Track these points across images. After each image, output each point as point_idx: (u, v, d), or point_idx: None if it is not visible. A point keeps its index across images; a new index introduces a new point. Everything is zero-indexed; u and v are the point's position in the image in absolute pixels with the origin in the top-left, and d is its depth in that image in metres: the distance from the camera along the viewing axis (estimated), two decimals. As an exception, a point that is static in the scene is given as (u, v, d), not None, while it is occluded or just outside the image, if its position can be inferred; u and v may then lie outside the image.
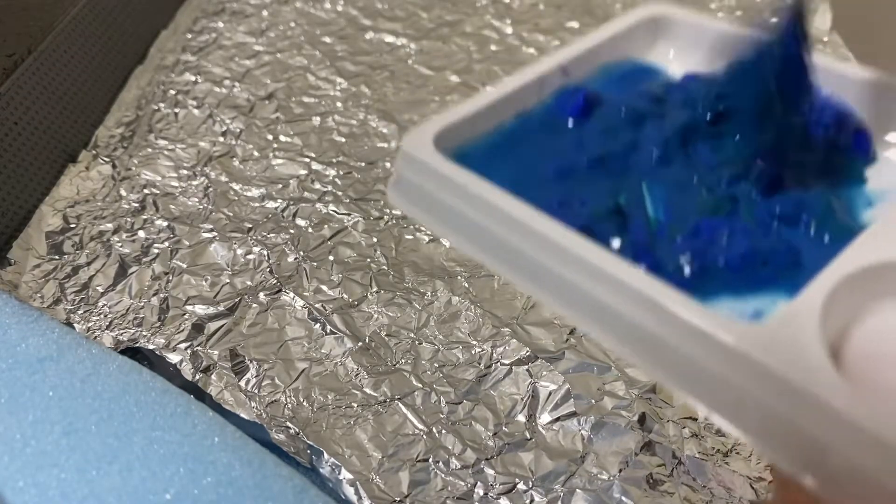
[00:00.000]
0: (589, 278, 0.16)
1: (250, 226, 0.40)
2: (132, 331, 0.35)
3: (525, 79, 0.21)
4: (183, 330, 0.34)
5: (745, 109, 0.19)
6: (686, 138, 0.19)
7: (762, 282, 0.16)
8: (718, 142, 0.19)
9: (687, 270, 0.16)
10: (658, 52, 0.23)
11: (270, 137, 0.46)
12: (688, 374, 0.15)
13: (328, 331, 0.34)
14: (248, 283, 0.37)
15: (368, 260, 0.38)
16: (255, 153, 0.45)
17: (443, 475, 0.29)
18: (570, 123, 0.21)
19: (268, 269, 0.37)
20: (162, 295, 0.36)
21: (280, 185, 0.43)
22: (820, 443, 0.13)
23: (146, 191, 0.42)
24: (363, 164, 0.44)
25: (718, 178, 0.18)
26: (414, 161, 0.19)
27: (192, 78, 0.51)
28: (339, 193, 0.42)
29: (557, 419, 0.31)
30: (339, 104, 0.49)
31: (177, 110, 0.49)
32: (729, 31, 0.21)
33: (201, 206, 0.41)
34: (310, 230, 0.40)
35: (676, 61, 0.23)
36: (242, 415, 0.31)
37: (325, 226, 0.40)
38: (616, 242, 0.17)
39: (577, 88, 0.21)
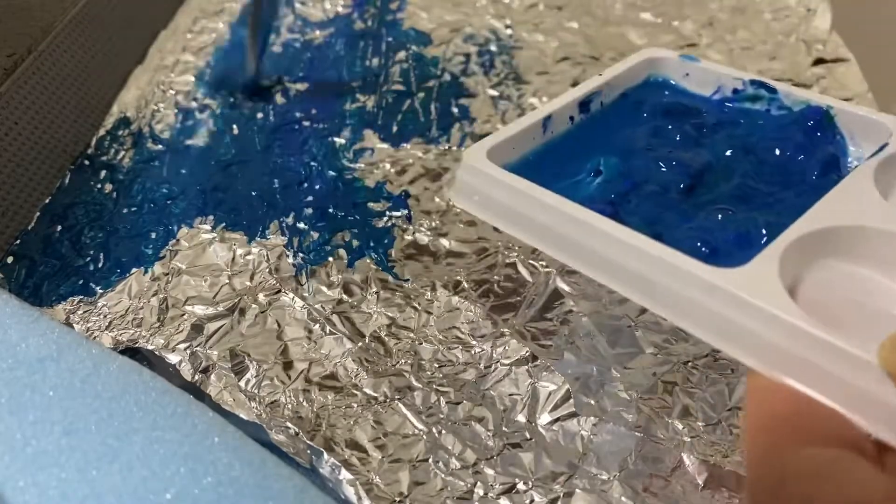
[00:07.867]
0: (622, 252, 0.22)
1: (250, 226, 0.40)
2: (131, 331, 0.35)
3: (550, 109, 0.28)
4: (182, 330, 0.34)
5: None
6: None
7: (738, 256, 0.21)
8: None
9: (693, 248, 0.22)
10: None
11: (270, 138, 0.46)
12: (685, 308, 0.21)
13: (328, 331, 0.34)
14: (248, 283, 0.37)
15: (369, 260, 0.38)
16: (255, 153, 0.45)
17: (443, 475, 0.29)
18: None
19: (267, 270, 0.37)
20: (161, 295, 0.36)
21: (280, 186, 0.42)
22: (780, 348, 0.19)
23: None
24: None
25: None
26: (472, 169, 0.25)
27: (192, 78, 0.51)
28: (339, 194, 0.42)
29: (557, 419, 0.31)
30: (338, 104, 0.49)
31: (176, 111, 0.49)
32: None
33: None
34: (309, 230, 0.40)
35: None
36: (242, 415, 0.31)
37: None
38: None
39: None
